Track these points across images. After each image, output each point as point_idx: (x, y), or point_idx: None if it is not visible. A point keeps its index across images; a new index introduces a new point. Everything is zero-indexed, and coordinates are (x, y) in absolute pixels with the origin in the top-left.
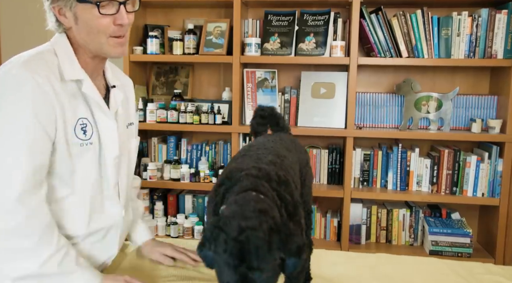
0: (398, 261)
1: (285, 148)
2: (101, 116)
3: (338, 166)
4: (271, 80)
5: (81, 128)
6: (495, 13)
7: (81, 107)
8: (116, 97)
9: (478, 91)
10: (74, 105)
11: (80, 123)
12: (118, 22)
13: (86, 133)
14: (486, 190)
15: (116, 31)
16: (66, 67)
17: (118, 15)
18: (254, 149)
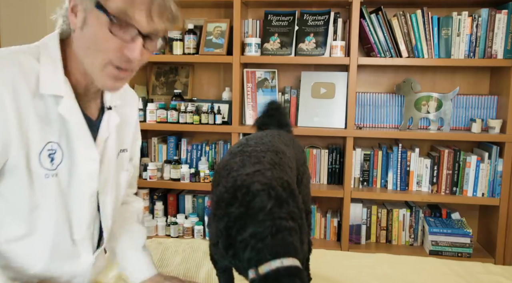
0: (398, 261)
1: (283, 143)
2: (78, 144)
3: (338, 166)
4: (271, 80)
5: (48, 155)
6: (495, 13)
7: (54, 130)
8: (110, 121)
9: (478, 91)
10: (45, 126)
11: (49, 148)
12: (126, 53)
13: (54, 162)
14: (486, 190)
15: (118, 61)
16: (47, 78)
17: (131, 45)
18: (252, 144)
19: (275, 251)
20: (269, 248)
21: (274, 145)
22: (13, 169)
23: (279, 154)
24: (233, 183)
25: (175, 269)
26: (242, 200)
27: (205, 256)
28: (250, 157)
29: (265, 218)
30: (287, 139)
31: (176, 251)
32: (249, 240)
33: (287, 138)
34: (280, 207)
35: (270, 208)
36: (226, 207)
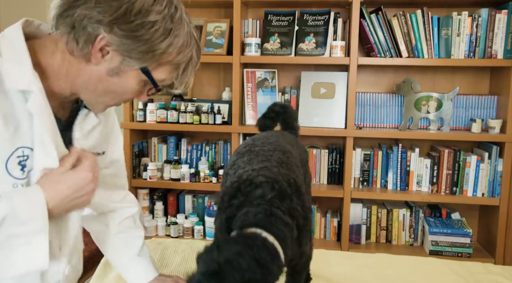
0: (398, 261)
1: (288, 143)
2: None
3: (338, 166)
4: (271, 80)
5: (18, 163)
6: (495, 13)
7: (24, 133)
8: (86, 122)
9: (478, 91)
10: (12, 129)
11: (19, 154)
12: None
13: (25, 170)
14: (486, 190)
15: (123, 101)
16: (12, 72)
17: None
18: (259, 144)
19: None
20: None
21: (280, 145)
22: None
23: (286, 153)
24: (238, 178)
25: (175, 269)
26: (244, 191)
27: None
28: (258, 155)
29: (262, 203)
30: (290, 139)
31: (176, 251)
32: (240, 217)
33: (291, 138)
34: (282, 201)
35: (270, 198)
36: (229, 200)
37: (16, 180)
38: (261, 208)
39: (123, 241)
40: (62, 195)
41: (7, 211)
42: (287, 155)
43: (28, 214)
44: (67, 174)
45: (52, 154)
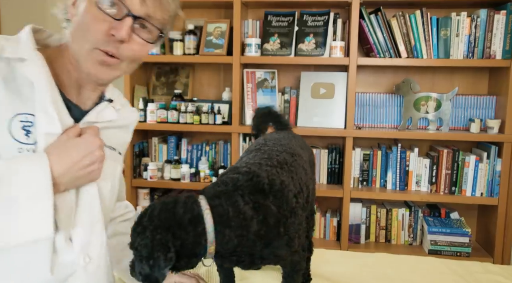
0: (397, 261)
1: (299, 146)
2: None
3: (338, 165)
4: (271, 81)
5: (22, 127)
6: (493, 14)
7: (27, 99)
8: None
9: (477, 91)
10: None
11: (22, 119)
12: (112, 31)
13: (30, 136)
14: (484, 189)
15: (104, 43)
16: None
17: (118, 23)
18: (270, 144)
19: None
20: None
21: (291, 147)
22: None
23: (295, 156)
24: (230, 167)
25: None
26: (227, 176)
27: None
28: (264, 153)
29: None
30: (301, 142)
31: None
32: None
33: (301, 141)
34: (252, 193)
35: (240, 185)
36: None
37: (21, 144)
38: (223, 187)
39: (120, 243)
40: (71, 160)
41: (6, 170)
42: (295, 157)
43: (30, 177)
44: (74, 139)
45: (54, 119)
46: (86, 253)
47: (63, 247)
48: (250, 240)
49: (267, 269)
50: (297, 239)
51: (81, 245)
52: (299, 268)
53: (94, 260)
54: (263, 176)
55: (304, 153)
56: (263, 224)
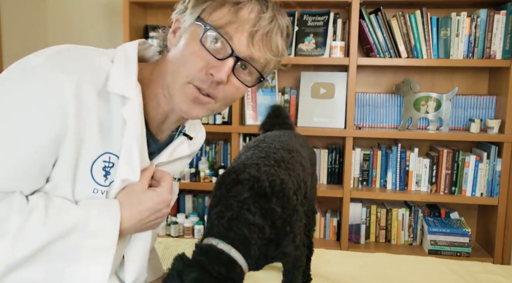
0: (397, 261)
1: (298, 143)
2: (124, 159)
3: (338, 165)
4: (271, 81)
5: (103, 168)
6: (493, 14)
7: (115, 140)
8: (178, 149)
9: (477, 91)
10: (105, 134)
11: (105, 159)
12: (211, 70)
13: (108, 177)
14: (484, 189)
15: (200, 80)
16: (117, 77)
17: (218, 63)
18: (268, 141)
19: (221, 232)
20: (219, 227)
21: (289, 144)
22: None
23: (292, 152)
24: (229, 170)
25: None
26: (228, 184)
27: None
28: (261, 151)
29: (234, 203)
30: (301, 140)
31: (176, 251)
32: (212, 216)
33: (301, 140)
34: (255, 201)
35: (244, 198)
36: (215, 190)
37: (97, 185)
38: (229, 211)
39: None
40: (140, 216)
41: (81, 219)
42: (293, 154)
43: (100, 228)
44: (148, 194)
45: (135, 166)
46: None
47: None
48: (264, 245)
49: (267, 269)
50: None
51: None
52: (300, 264)
53: None
54: (263, 178)
55: (304, 150)
56: (272, 228)
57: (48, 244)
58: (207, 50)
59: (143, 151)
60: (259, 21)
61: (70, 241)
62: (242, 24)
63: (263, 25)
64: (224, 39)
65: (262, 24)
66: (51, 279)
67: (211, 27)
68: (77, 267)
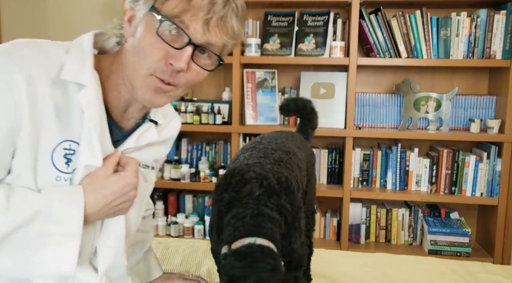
0: (397, 261)
1: (295, 145)
2: (84, 144)
3: (338, 165)
4: (271, 81)
5: (64, 155)
6: (493, 14)
7: (75, 127)
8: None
9: (477, 91)
10: (63, 121)
11: (65, 147)
12: (170, 60)
13: (70, 164)
14: (484, 189)
15: (162, 72)
16: (72, 65)
17: (177, 52)
18: (265, 143)
19: (251, 230)
20: (246, 226)
21: (286, 146)
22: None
23: (289, 154)
24: (231, 171)
25: (175, 268)
26: (235, 186)
27: (206, 255)
28: (259, 152)
29: (250, 201)
30: (299, 141)
31: (176, 251)
32: (230, 220)
33: (299, 141)
34: (269, 197)
35: (258, 195)
36: (221, 193)
37: (59, 172)
38: (249, 209)
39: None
40: (105, 201)
41: (43, 205)
42: (290, 155)
43: (63, 214)
44: (112, 178)
45: (96, 151)
46: (107, 276)
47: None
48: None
49: None
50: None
51: (104, 270)
52: (302, 263)
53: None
54: (270, 176)
55: (301, 152)
56: (285, 224)
57: (11, 233)
58: (164, 41)
59: (105, 137)
60: (213, 7)
61: (34, 228)
62: (197, 12)
63: (217, 10)
64: (180, 29)
65: (216, 9)
66: (20, 268)
67: (166, 19)
68: (44, 254)
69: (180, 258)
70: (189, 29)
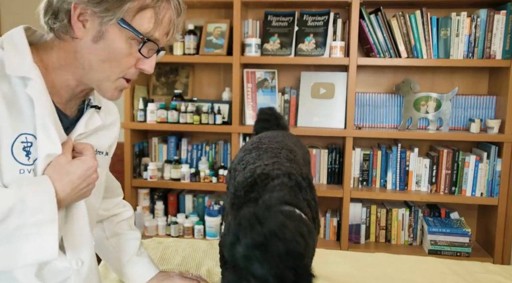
0: (397, 261)
1: (292, 143)
2: (42, 135)
3: (338, 165)
4: (271, 81)
5: (23, 148)
6: (493, 14)
7: (27, 120)
8: (91, 121)
9: (477, 91)
10: (15, 114)
11: (22, 140)
12: (143, 67)
13: (30, 156)
14: (484, 189)
15: (132, 74)
16: (13, 61)
17: (148, 60)
18: (266, 142)
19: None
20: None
21: (287, 144)
22: None
23: (293, 152)
24: (253, 172)
25: (175, 268)
26: (261, 184)
27: (205, 255)
28: (266, 151)
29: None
30: (294, 140)
31: (176, 251)
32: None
33: (295, 139)
34: (300, 190)
35: (291, 186)
36: (245, 194)
37: (22, 165)
38: (286, 191)
39: (119, 243)
40: (72, 185)
41: (16, 199)
42: (294, 153)
43: (38, 204)
44: (74, 163)
45: (54, 140)
46: (78, 257)
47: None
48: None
49: None
50: None
51: (73, 251)
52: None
53: (86, 263)
54: (294, 172)
55: (298, 150)
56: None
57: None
58: (141, 54)
59: (57, 125)
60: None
61: (12, 222)
62: (165, 27)
63: (175, 21)
64: (155, 44)
65: (175, 21)
66: (6, 263)
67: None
68: (26, 244)
69: (180, 258)
70: (159, 41)
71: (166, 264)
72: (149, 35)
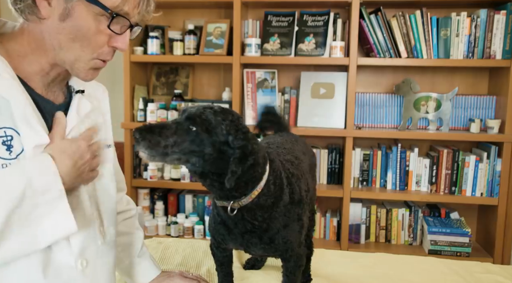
0: (397, 261)
1: (301, 151)
2: (25, 128)
3: (338, 165)
4: (271, 81)
5: (2, 143)
6: (493, 14)
7: (3, 113)
8: (80, 107)
9: (477, 91)
10: None
11: (1, 135)
12: (116, 44)
13: (12, 150)
14: (484, 189)
15: (106, 54)
16: None
17: (121, 37)
18: (273, 147)
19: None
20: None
21: (294, 152)
22: None
23: (298, 159)
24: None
25: (175, 268)
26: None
27: (205, 255)
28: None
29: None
30: (302, 146)
31: (176, 251)
32: None
33: (302, 145)
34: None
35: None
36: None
37: (4, 160)
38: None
39: (123, 243)
40: (71, 161)
41: (24, 184)
42: (298, 160)
43: (44, 183)
44: (63, 143)
45: (39, 131)
46: (83, 257)
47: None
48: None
49: (267, 269)
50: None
51: (78, 250)
52: (301, 263)
53: (91, 263)
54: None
55: (305, 157)
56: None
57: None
58: (111, 30)
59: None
60: None
61: (26, 206)
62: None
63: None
64: (125, 19)
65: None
66: (27, 247)
67: (117, 14)
68: (44, 224)
69: (180, 258)
70: (129, 16)
71: (166, 264)
72: (118, 10)
